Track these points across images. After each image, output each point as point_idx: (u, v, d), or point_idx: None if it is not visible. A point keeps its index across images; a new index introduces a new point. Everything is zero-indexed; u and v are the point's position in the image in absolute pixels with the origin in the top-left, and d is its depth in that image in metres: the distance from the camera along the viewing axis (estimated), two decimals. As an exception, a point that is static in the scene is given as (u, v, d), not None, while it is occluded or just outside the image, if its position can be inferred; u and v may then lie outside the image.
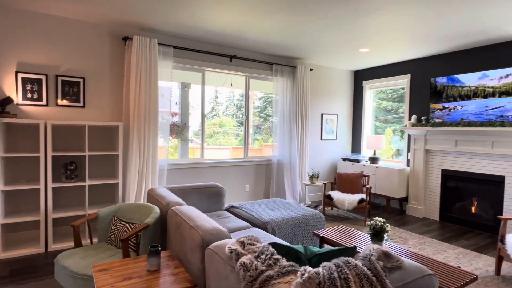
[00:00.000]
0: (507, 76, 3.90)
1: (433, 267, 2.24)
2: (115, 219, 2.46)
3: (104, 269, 1.75)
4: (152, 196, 2.78)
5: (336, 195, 4.64)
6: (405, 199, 5.16)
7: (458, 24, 3.50)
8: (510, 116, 3.88)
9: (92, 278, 1.89)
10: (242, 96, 5.12)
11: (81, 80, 3.64)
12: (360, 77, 6.18)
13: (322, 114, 5.89)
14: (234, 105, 5.37)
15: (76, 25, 3.60)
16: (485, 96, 4.10)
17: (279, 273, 1.24)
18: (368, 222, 2.51)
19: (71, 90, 3.59)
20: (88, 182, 3.42)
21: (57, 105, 3.52)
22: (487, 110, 4.08)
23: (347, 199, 4.45)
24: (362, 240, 2.75)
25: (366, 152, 6.14)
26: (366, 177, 4.96)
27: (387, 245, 2.61)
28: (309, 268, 1.22)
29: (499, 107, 3.96)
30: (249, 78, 5.07)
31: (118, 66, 3.88)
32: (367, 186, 4.59)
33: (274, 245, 1.47)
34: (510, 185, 3.92)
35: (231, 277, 1.38)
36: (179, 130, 4.54)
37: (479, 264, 3.15)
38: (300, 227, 3.16)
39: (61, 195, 3.59)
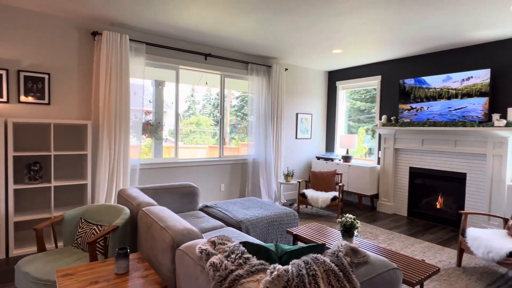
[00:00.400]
0: (468, 79, 4.14)
1: (399, 261, 2.34)
2: (82, 221, 2.36)
3: (68, 274, 1.68)
4: (123, 197, 2.70)
5: (310, 193, 4.72)
6: (376, 196, 5.34)
7: (424, 29, 3.66)
8: (471, 117, 4.12)
9: (55, 284, 1.80)
10: (218, 95, 5.08)
11: (46, 76, 3.45)
12: (334, 77, 6.32)
13: (297, 114, 5.97)
14: (210, 104, 5.33)
15: (40, 17, 3.41)
16: (449, 98, 4.33)
17: (248, 272, 1.24)
18: (339, 219, 2.58)
19: (35, 86, 3.40)
20: (53, 183, 3.26)
21: (20, 102, 3.32)
22: (450, 110, 4.31)
23: (320, 197, 4.55)
24: (333, 237, 2.82)
25: (339, 151, 6.30)
26: (339, 175, 5.08)
27: (357, 241, 2.70)
28: (278, 266, 1.23)
29: (461, 108, 4.20)
30: (224, 77, 5.04)
31: (87, 62, 3.72)
32: (340, 184, 4.71)
33: (245, 244, 1.47)
34: (471, 182, 4.16)
35: (201, 278, 1.37)
36: (153, 129, 4.44)
37: (442, 256, 3.32)
38: (274, 225, 3.19)
39: (24, 197, 3.39)
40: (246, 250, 1.38)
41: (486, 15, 3.21)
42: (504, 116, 3.97)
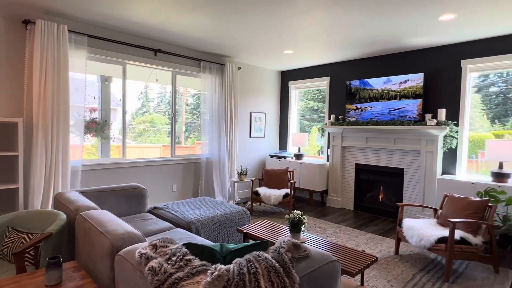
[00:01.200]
0: (405, 81, 4.50)
1: (341, 253, 2.47)
2: (10, 229, 2.13)
3: (-12, 290, 1.50)
4: (60, 201, 2.48)
5: (263, 191, 4.79)
6: (325, 192, 5.59)
7: (368, 33, 3.90)
8: (408, 117, 4.49)
9: (-26, 302, 1.60)
10: (170, 93, 4.92)
11: (-34, 68, 3.05)
12: (286, 77, 6.47)
13: (251, 112, 6.01)
14: (162, 102, 5.14)
15: (-42, 1, 3.01)
16: (389, 99, 4.67)
17: (189, 274, 1.21)
18: (287, 216, 2.65)
19: (-48, 79, 2.99)
20: (-24, 189, 2.90)
21: None
22: (390, 111, 4.65)
23: (273, 195, 4.63)
24: (283, 233, 2.89)
25: (292, 149, 6.48)
26: (291, 173, 5.23)
27: (305, 235, 2.80)
28: (220, 266, 1.22)
29: (400, 108, 4.56)
30: (175, 74, 4.89)
31: (18, 53, 3.36)
32: (291, 181, 4.84)
33: (188, 245, 1.44)
34: (408, 176, 4.54)
35: (140, 283, 1.31)
36: (98, 127, 4.15)
37: (383, 246, 3.58)
38: (226, 224, 3.18)
39: None
40: (188, 252, 1.35)
41: (420, 24, 3.51)
42: (435, 116, 4.39)
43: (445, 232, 2.92)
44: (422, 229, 3.04)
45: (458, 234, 2.88)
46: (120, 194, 3.08)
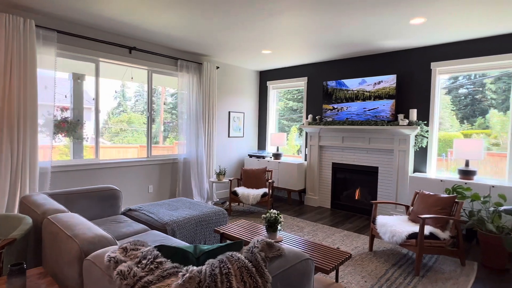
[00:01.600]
0: (379, 83, 4.64)
1: (316, 251, 2.50)
2: (-31, 236, 2.01)
3: None
4: (26, 205, 2.37)
5: (241, 190, 4.78)
6: (303, 191, 5.66)
7: (343, 35, 3.98)
8: (382, 117, 4.63)
9: None
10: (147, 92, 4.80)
11: None
12: (265, 77, 6.49)
13: (229, 112, 5.98)
14: (139, 101, 5.01)
15: None
16: (364, 99, 4.80)
17: (159, 277, 1.19)
18: (263, 215, 2.66)
19: None
20: None
21: None
22: (365, 111, 4.78)
23: (251, 194, 4.64)
24: (259, 233, 2.89)
25: (271, 149, 6.51)
26: (270, 172, 5.26)
27: (282, 234, 2.82)
28: (192, 268, 1.21)
29: (374, 108, 4.69)
30: (152, 72, 4.79)
31: (-21, 48, 3.17)
32: (270, 181, 4.87)
33: (160, 247, 1.41)
34: (382, 175, 4.69)
35: (109, 288, 1.27)
36: (70, 127, 3.99)
37: (358, 243, 3.67)
38: (203, 225, 3.14)
39: None
40: (159, 254, 1.33)
41: (391, 26, 3.63)
42: (407, 116, 4.55)
43: (415, 228, 3.03)
44: (394, 226, 3.15)
45: (427, 229, 3.00)
46: (92, 196, 2.98)
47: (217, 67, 5.49)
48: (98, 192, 3.03)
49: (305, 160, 5.78)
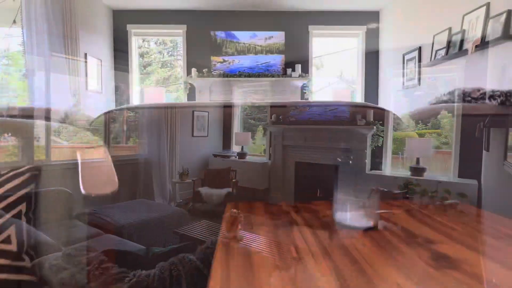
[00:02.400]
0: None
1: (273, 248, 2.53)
2: None
3: None
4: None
5: (205, 191, 4.72)
6: (267, 190, 5.71)
7: None
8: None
9: None
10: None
11: None
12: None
13: (193, 111, 5.87)
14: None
15: None
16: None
17: (104, 283, 1.13)
18: (224, 215, 2.64)
19: None
20: None
21: None
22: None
23: (215, 194, 4.60)
24: (220, 233, 2.87)
25: (236, 148, 6.48)
26: (234, 172, 5.24)
27: (242, 233, 2.82)
28: (140, 272, 1.16)
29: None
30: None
31: None
32: (234, 180, 4.85)
33: (107, 252, 1.35)
34: (341, 173, 4.86)
35: (49, 298, 1.19)
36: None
37: (320, 238, 3.78)
38: (163, 227, 3.06)
39: None
40: (106, 259, 1.26)
41: None
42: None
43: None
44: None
45: (381, 224, 3.16)
46: (39, 200, 2.77)
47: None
48: (46, 195, 2.83)
49: (269, 159, 5.83)
